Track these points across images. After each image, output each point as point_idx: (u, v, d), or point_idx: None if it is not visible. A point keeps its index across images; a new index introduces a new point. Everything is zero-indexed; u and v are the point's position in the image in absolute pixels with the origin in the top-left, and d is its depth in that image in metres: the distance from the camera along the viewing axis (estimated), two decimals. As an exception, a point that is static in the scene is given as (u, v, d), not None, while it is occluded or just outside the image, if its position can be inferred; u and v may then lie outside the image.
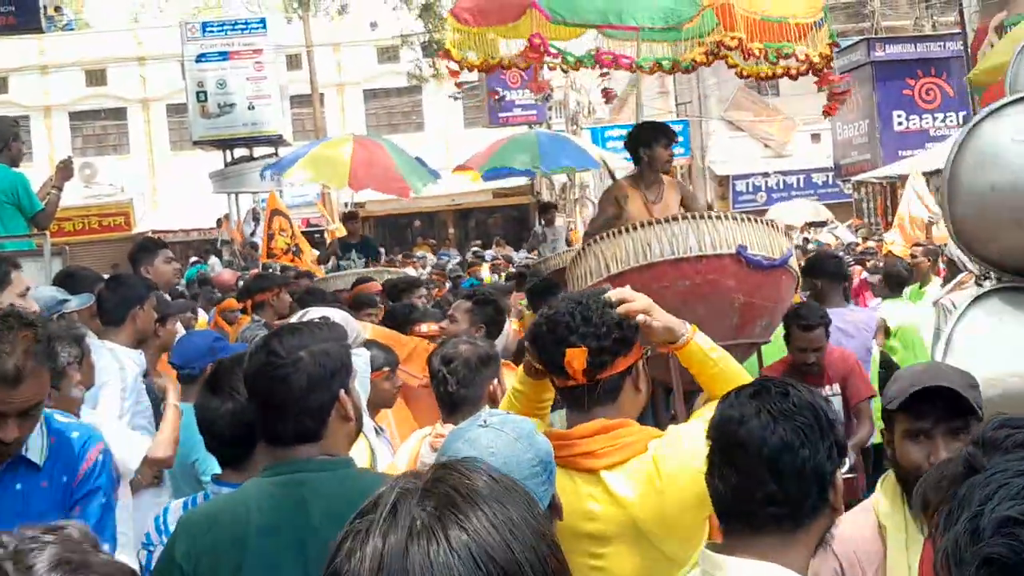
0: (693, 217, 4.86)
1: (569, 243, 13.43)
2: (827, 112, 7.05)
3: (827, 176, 29.62)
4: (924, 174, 16.39)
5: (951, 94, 25.10)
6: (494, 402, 3.32)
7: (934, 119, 25.79)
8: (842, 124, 27.10)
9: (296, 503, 2.28)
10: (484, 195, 32.06)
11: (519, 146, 13.36)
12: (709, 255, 4.67)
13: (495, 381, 3.48)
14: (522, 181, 24.93)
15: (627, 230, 4.83)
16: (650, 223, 4.83)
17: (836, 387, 5.31)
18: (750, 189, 30.77)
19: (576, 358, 2.50)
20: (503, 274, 15.15)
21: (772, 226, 5.09)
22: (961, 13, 22.23)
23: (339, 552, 1.11)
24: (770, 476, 1.85)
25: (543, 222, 13.92)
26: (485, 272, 16.28)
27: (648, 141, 6.09)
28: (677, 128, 33.61)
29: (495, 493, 1.13)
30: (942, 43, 25.31)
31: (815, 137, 30.10)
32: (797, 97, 30.34)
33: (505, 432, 2.14)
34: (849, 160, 27.74)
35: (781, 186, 30.31)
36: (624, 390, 2.58)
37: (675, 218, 4.85)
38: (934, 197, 14.23)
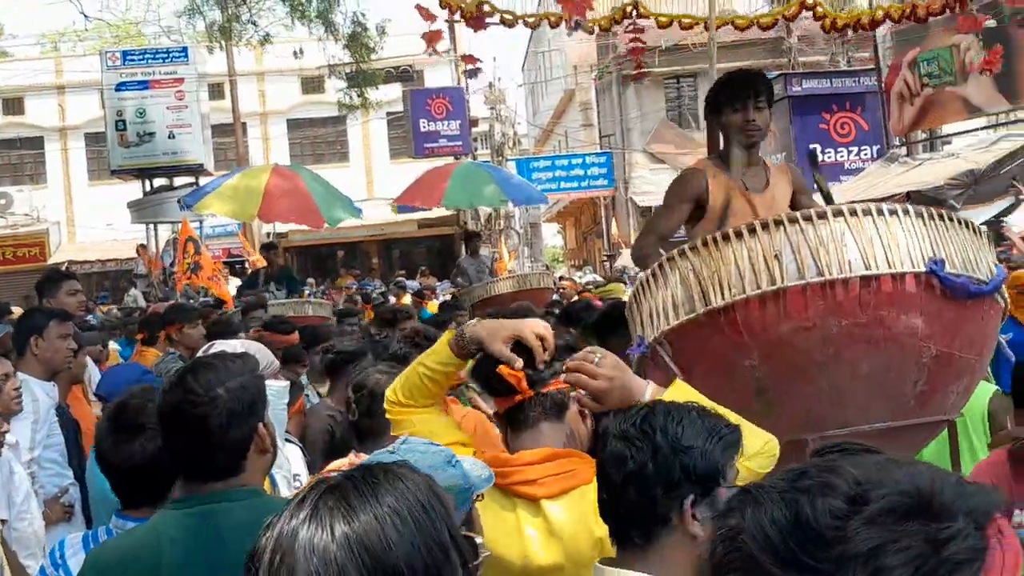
0: (851, 212, 2.79)
1: (493, 273, 13.44)
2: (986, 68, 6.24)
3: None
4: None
5: (865, 128, 25.85)
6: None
7: (849, 152, 26.46)
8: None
9: (210, 535, 2.25)
10: (409, 225, 32.02)
11: (473, 179, 13.48)
12: (883, 275, 2.70)
13: None
14: (447, 212, 24.96)
15: (735, 235, 2.83)
16: (776, 223, 2.78)
17: None
18: (672, 220, 31.12)
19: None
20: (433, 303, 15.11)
21: (971, 228, 3.04)
22: (875, 50, 22.95)
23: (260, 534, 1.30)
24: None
25: (468, 252, 13.91)
26: (407, 301, 16.22)
27: (716, 101, 4.04)
28: (600, 160, 33.87)
29: (394, 493, 1.28)
30: (857, 78, 26.02)
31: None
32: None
33: (415, 462, 2.12)
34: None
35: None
36: (572, 410, 2.51)
37: (821, 214, 2.77)
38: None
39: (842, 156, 26.40)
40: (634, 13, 5.18)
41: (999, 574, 0.98)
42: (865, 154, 25.95)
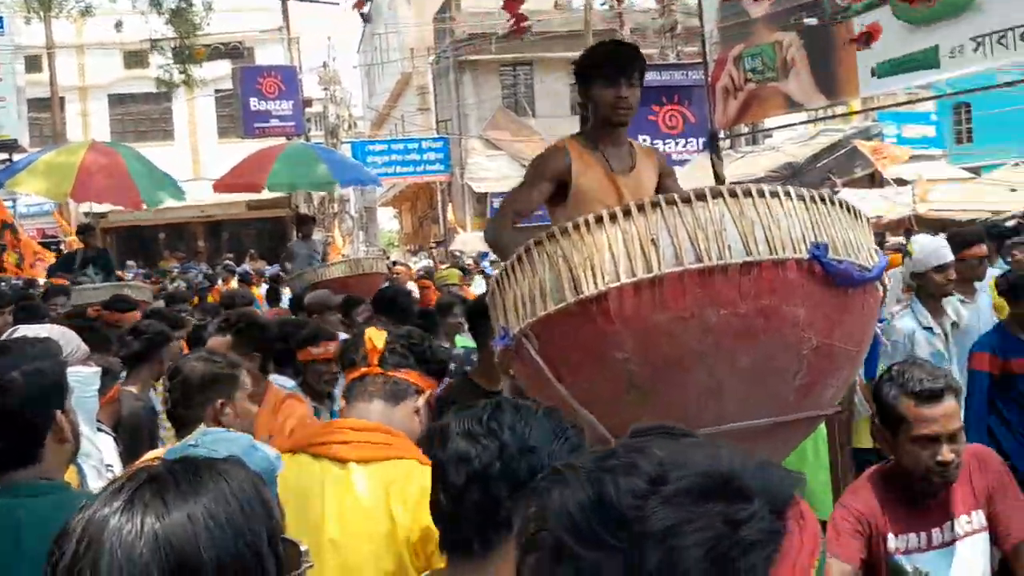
0: (731, 193, 2.51)
1: (325, 257, 13.00)
2: None
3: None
4: None
5: (693, 121, 26.48)
6: (218, 423, 3.10)
7: (676, 144, 27.05)
8: (597, 146, 27.98)
9: (8, 530, 2.18)
10: (238, 207, 30.95)
11: (301, 160, 12.92)
12: (764, 261, 2.44)
13: (219, 403, 3.21)
14: (279, 193, 24.20)
15: (609, 218, 2.52)
16: (653, 204, 2.48)
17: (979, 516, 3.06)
18: (507, 207, 31.24)
19: (376, 337, 2.57)
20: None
21: (851, 211, 2.74)
22: (703, 44, 23.47)
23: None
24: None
25: (300, 236, 13.38)
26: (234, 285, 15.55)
27: (587, 74, 3.65)
28: (437, 145, 33.71)
29: (214, 492, 1.24)
30: (685, 72, 26.58)
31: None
32: (555, 119, 31.22)
33: (217, 452, 2.00)
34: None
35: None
36: (408, 404, 2.61)
37: (700, 195, 2.48)
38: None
39: (670, 147, 26.94)
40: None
41: (796, 557, 0.99)
42: (692, 146, 26.61)
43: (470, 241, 25.57)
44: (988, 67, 16.16)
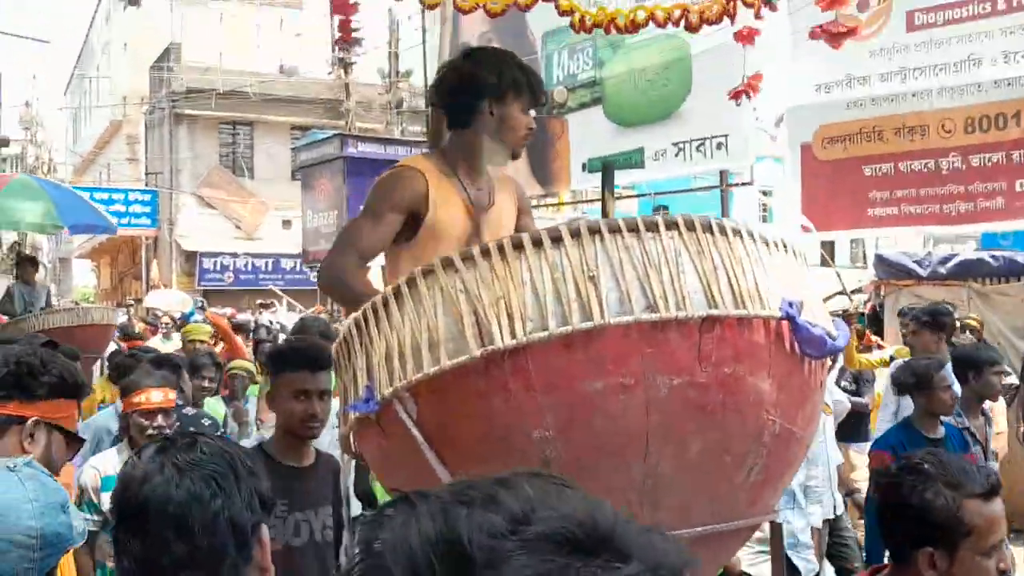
0: (688, 225, 1.92)
1: (48, 304, 11.32)
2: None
3: (295, 262, 29.45)
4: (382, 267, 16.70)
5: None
6: None
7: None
8: (312, 212, 27.27)
9: None
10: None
11: (23, 196, 11.10)
12: (730, 317, 1.90)
13: None
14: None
15: (533, 245, 1.87)
16: (592, 231, 1.87)
17: None
18: (218, 268, 29.73)
19: None
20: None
21: (805, 264, 2.24)
22: (427, 123, 23.47)
23: None
24: (178, 536, 1.63)
25: (20, 278, 11.52)
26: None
27: (500, 85, 2.93)
28: (145, 198, 31.77)
29: None
30: (409, 148, 26.53)
31: (286, 223, 29.92)
32: (271, 181, 30.06)
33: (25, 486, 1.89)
34: (317, 248, 27.83)
35: (250, 268, 29.63)
36: (13, 439, 2.22)
37: (650, 224, 1.90)
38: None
39: (390, 220, 26.77)
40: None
41: None
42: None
43: (165, 297, 23.79)
44: (687, 171, 17.02)
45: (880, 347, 9.41)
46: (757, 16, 4.07)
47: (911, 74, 15.37)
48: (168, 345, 12.12)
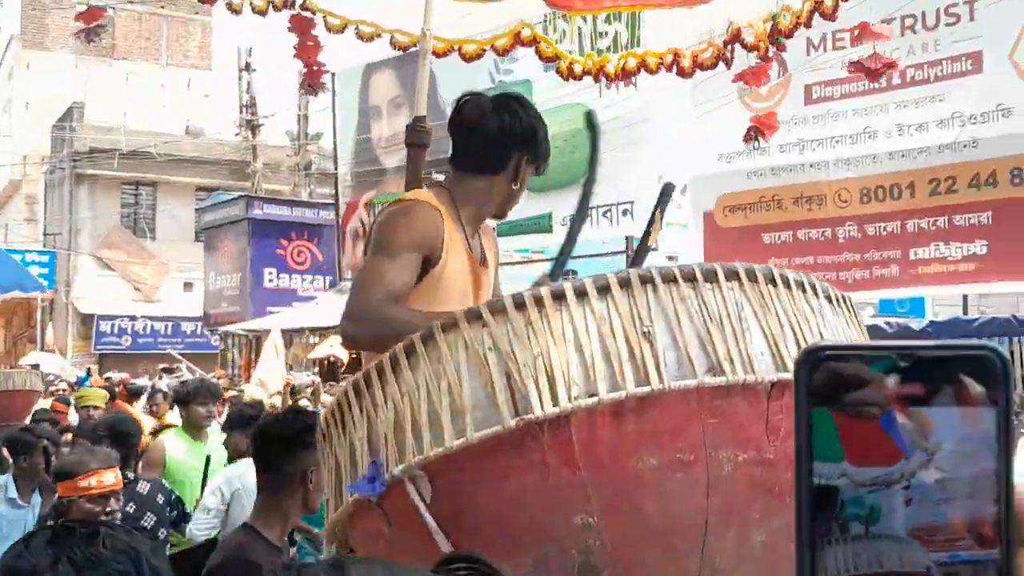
0: (750, 275, 1.61)
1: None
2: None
3: (196, 325, 28.50)
4: (286, 331, 16.36)
5: (320, 259, 25.93)
6: None
7: (303, 280, 26.35)
8: (215, 274, 26.54)
9: None
10: None
11: None
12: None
13: None
14: None
15: (576, 295, 1.56)
16: (643, 280, 1.57)
17: None
18: (115, 331, 28.58)
19: None
20: None
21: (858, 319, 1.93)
22: (336, 185, 23.08)
23: None
24: None
25: None
26: None
27: (536, 144, 2.63)
28: (43, 259, 30.52)
29: None
30: (316, 211, 26.11)
31: (188, 285, 28.99)
32: (173, 243, 29.14)
33: None
34: (219, 311, 27.00)
35: (148, 331, 28.56)
36: None
37: (709, 274, 1.58)
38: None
39: (296, 283, 26.20)
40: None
41: None
42: (318, 283, 26.03)
43: (46, 359, 22.69)
44: (594, 237, 16.98)
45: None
46: (763, 58, 3.89)
47: (809, 145, 15.72)
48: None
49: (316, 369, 19.11)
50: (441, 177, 2.74)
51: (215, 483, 5.23)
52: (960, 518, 0.55)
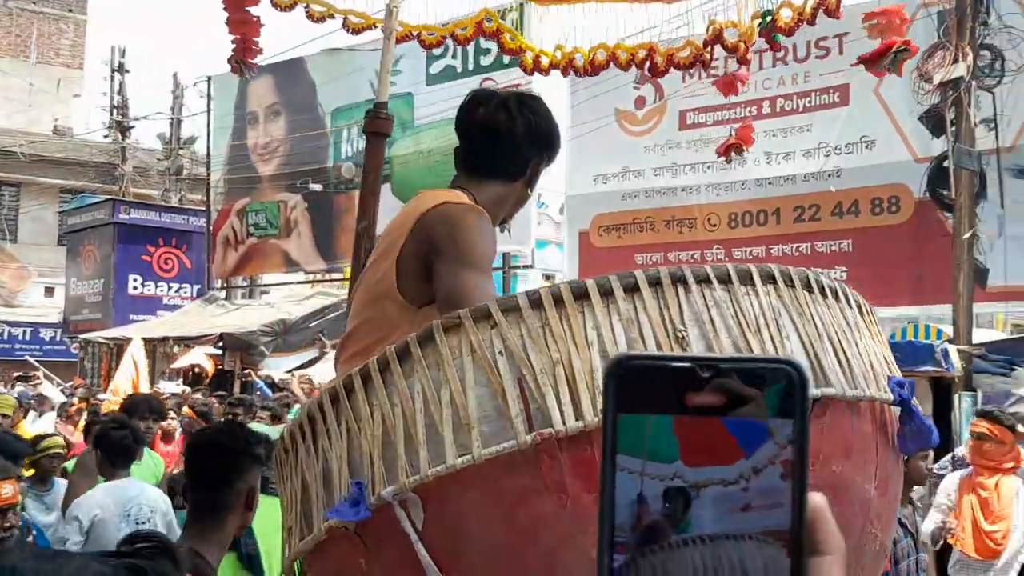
0: (786, 279, 1.43)
1: None
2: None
3: (55, 332, 27.06)
4: (147, 340, 16.26)
5: (188, 266, 25.02)
6: None
7: (169, 288, 25.37)
8: (77, 280, 25.25)
9: None
10: None
11: None
12: (840, 397, 1.41)
13: None
14: None
15: (600, 294, 1.35)
16: (675, 279, 1.38)
17: None
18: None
19: None
20: None
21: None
22: (208, 192, 22.29)
23: None
24: None
25: None
26: None
27: (553, 149, 2.42)
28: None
29: None
30: (187, 217, 25.19)
31: (49, 291, 27.51)
32: (36, 246, 27.62)
33: None
34: (80, 317, 25.70)
35: (5, 336, 26.96)
36: None
37: (744, 274, 1.37)
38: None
39: (162, 290, 25.21)
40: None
41: None
42: (185, 291, 25.12)
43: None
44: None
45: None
46: (741, 61, 3.73)
47: (682, 169, 15.98)
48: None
49: (180, 380, 18.33)
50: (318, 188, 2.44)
51: (71, 512, 4.48)
52: (757, 528, 0.57)
